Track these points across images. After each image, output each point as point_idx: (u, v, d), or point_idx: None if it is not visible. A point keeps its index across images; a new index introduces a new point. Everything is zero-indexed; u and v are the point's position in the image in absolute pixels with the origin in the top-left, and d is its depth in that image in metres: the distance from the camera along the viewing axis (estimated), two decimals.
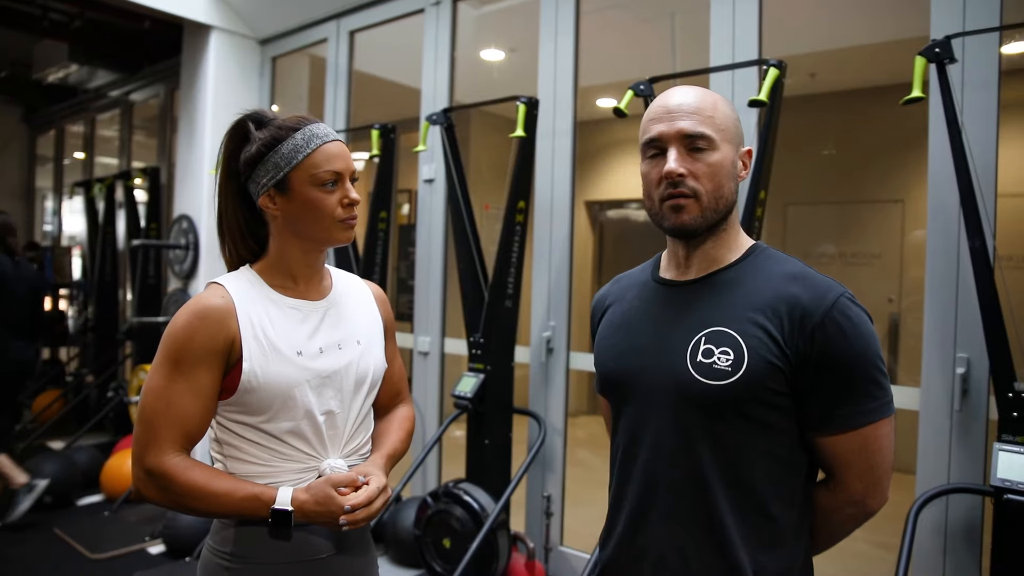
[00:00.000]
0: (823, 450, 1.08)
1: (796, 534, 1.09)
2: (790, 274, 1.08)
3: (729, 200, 1.10)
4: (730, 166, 1.09)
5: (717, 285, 1.11)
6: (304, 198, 1.22)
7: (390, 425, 1.45)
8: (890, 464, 1.09)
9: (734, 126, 1.11)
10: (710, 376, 1.05)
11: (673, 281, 1.17)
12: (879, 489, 1.09)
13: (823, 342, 1.01)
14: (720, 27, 2.68)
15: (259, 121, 1.27)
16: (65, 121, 7.35)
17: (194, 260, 4.64)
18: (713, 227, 1.11)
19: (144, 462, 1.17)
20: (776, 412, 1.05)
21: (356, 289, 1.41)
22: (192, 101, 4.72)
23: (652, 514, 1.10)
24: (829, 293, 1.03)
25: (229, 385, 1.20)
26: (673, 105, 1.09)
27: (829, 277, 1.08)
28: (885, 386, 1.05)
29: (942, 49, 1.97)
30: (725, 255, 1.13)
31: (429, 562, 2.92)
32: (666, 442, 1.09)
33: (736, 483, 1.05)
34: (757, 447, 1.05)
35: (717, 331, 1.06)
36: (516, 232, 2.99)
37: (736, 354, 1.03)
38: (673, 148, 1.07)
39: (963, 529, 2.17)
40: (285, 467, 1.23)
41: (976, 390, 2.15)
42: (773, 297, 1.05)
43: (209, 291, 1.23)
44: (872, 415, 1.04)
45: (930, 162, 2.25)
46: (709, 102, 1.09)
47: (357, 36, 4.22)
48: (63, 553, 3.48)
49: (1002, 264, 2.06)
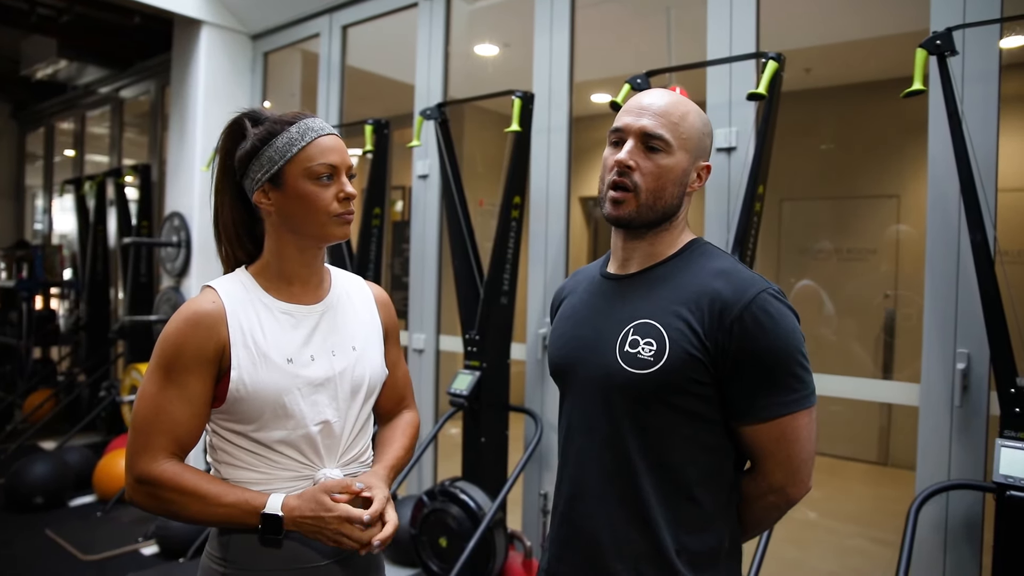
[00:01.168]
0: (744, 439, 1.13)
1: (722, 517, 1.15)
2: (717, 269, 1.13)
3: (670, 204, 1.15)
4: (680, 173, 1.15)
5: (651, 279, 1.17)
6: (298, 192, 1.20)
7: (393, 432, 1.42)
8: (811, 454, 1.13)
9: (698, 138, 1.16)
10: (634, 365, 1.10)
11: (615, 275, 1.23)
12: (799, 478, 1.14)
13: (741, 336, 1.06)
14: (717, 20, 2.66)
15: (255, 118, 1.25)
16: (55, 118, 7.29)
17: (186, 258, 4.60)
18: (651, 225, 1.16)
19: (135, 469, 1.15)
20: (699, 401, 1.10)
21: (357, 291, 1.38)
22: (183, 97, 4.67)
23: (586, 496, 1.17)
24: (750, 288, 1.08)
25: (220, 393, 1.18)
26: (645, 103, 1.16)
27: (757, 274, 1.13)
28: (805, 379, 1.09)
29: (943, 41, 1.95)
30: (663, 250, 1.19)
31: (425, 561, 2.90)
32: (597, 428, 1.16)
33: (660, 468, 1.11)
34: (681, 434, 1.11)
35: (644, 323, 1.13)
36: (512, 228, 2.97)
37: (659, 345, 1.09)
38: (631, 140, 1.14)
39: (963, 526, 2.16)
40: (279, 475, 1.20)
41: (976, 386, 2.14)
42: (697, 291, 1.11)
43: (201, 296, 1.21)
44: (790, 407, 1.08)
45: (930, 156, 2.23)
46: (680, 110, 1.15)
47: (350, 31, 4.18)
48: (55, 555, 3.45)
49: (1003, 258, 2.05)
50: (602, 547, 1.14)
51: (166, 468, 1.14)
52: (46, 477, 4.05)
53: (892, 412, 4.77)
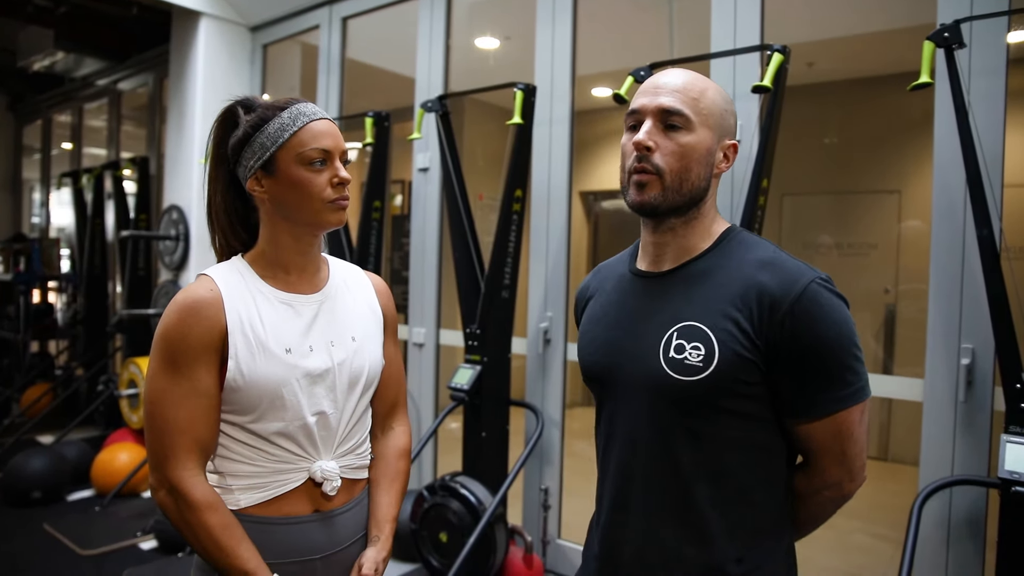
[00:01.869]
0: (798, 436, 1.08)
1: (779, 519, 1.10)
2: (760, 261, 1.06)
3: (696, 185, 1.08)
4: (704, 151, 1.07)
5: (689, 277, 1.10)
6: (291, 178, 1.17)
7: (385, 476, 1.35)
8: (864, 447, 1.09)
9: (720, 115, 1.09)
10: (682, 372, 1.04)
11: (648, 273, 1.16)
12: (855, 473, 1.10)
13: (792, 330, 1.00)
14: (721, 12, 2.64)
15: (248, 106, 1.23)
16: (52, 110, 7.25)
17: (184, 251, 4.58)
18: (679, 211, 1.09)
19: (167, 477, 1.12)
20: (751, 402, 1.05)
21: (355, 281, 1.35)
22: (181, 90, 4.64)
23: (631, 508, 1.11)
24: (799, 279, 1.02)
25: (219, 381, 1.16)
26: (661, 82, 1.09)
27: (802, 262, 1.06)
28: (859, 371, 1.04)
29: (951, 34, 1.93)
30: (697, 243, 1.12)
31: (426, 556, 2.89)
32: (642, 437, 1.09)
33: (715, 474, 1.06)
34: (734, 437, 1.05)
35: (688, 326, 1.06)
36: (513, 221, 2.95)
37: (707, 349, 1.03)
38: (648, 120, 1.08)
39: (967, 522, 2.15)
40: (274, 467, 1.19)
41: (981, 381, 2.13)
42: (742, 287, 1.04)
43: (197, 283, 1.18)
44: (845, 401, 1.03)
45: (935, 150, 2.22)
46: (698, 86, 1.09)
47: (350, 23, 4.15)
48: (53, 549, 3.43)
49: (1009, 254, 2.03)
50: (651, 564, 1.08)
51: (199, 492, 1.12)
52: (44, 471, 4.03)
53: (892, 407, 4.77)
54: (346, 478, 1.26)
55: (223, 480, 1.18)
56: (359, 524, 1.30)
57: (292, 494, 1.20)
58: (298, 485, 1.20)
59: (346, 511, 1.27)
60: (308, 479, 1.21)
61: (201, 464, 1.15)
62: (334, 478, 1.22)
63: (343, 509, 1.26)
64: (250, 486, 1.18)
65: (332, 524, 1.24)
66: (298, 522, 1.20)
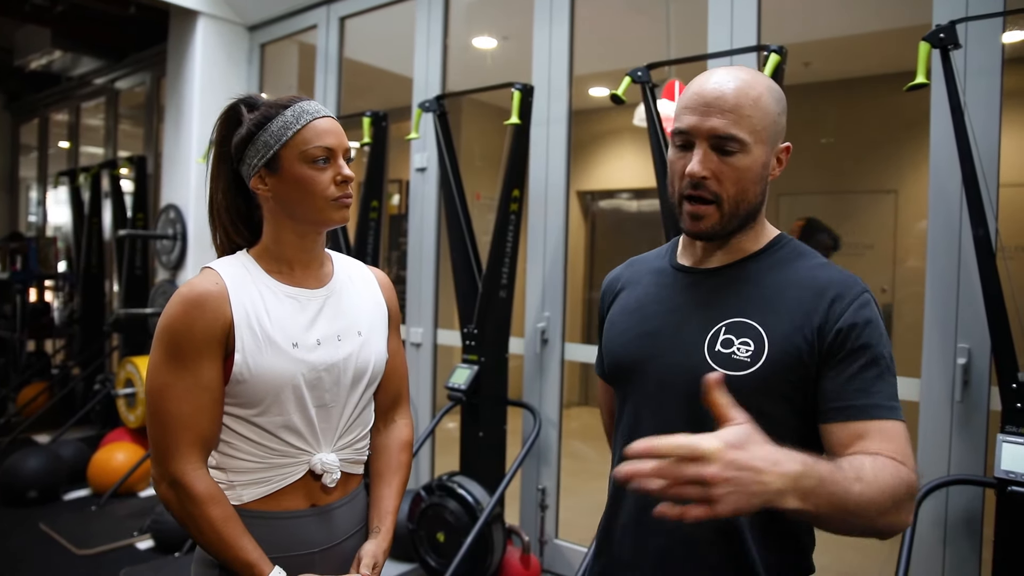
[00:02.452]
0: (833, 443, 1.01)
1: (806, 531, 1.08)
2: (816, 265, 1.06)
3: (753, 204, 1.06)
4: (760, 168, 1.04)
5: (740, 275, 1.08)
6: (295, 176, 1.17)
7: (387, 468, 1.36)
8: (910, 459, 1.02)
9: (773, 124, 1.04)
10: (728, 366, 1.01)
11: (692, 268, 1.13)
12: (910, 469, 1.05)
13: (848, 332, 0.99)
14: (718, 12, 2.64)
15: (251, 104, 1.24)
16: (49, 109, 7.23)
17: (182, 250, 4.57)
18: (736, 231, 1.08)
19: (169, 472, 1.13)
20: (785, 405, 1.02)
21: (360, 276, 1.36)
22: (179, 89, 4.64)
23: None
24: (855, 286, 1.02)
25: (224, 375, 1.16)
26: (711, 97, 1.02)
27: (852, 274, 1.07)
28: (895, 391, 1.01)
29: (947, 34, 1.94)
30: (748, 245, 1.11)
31: (423, 556, 2.89)
32: (676, 431, 1.03)
33: None
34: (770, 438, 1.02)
35: (739, 322, 1.04)
36: (511, 221, 2.95)
37: (756, 345, 1.01)
38: (700, 147, 1.02)
39: (963, 521, 2.16)
40: (276, 462, 1.19)
41: (977, 381, 2.14)
42: (800, 288, 1.03)
43: (202, 276, 1.18)
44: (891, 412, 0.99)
45: (932, 150, 2.22)
46: (750, 97, 1.01)
47: (348, 23, 4.15)
48: (49, 549, 3.43)
49: (1004, 253, 2.04)
50: (678, 564, 1.05)
51: (202, 485, 1.12)
52: (40, 471, 4.02)
53: None
54: (343, 472, 1.26)
55: (226, 476, 1.18)
56: (356, 518, 1.30)
57: (291, 488, 1.20)
58: (297, 479, 1.21)
59: (342, 505, 1.27)
60: (307, 473, 1.21)
61: (203, 458, 1.15)
62: (334, 470, 1.23)
63: (339, 503, 1.27)
64: (252, 481, 1.18)
65: (329, 518, 1.25)
66: (296, 516, 1.21)
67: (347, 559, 1.27)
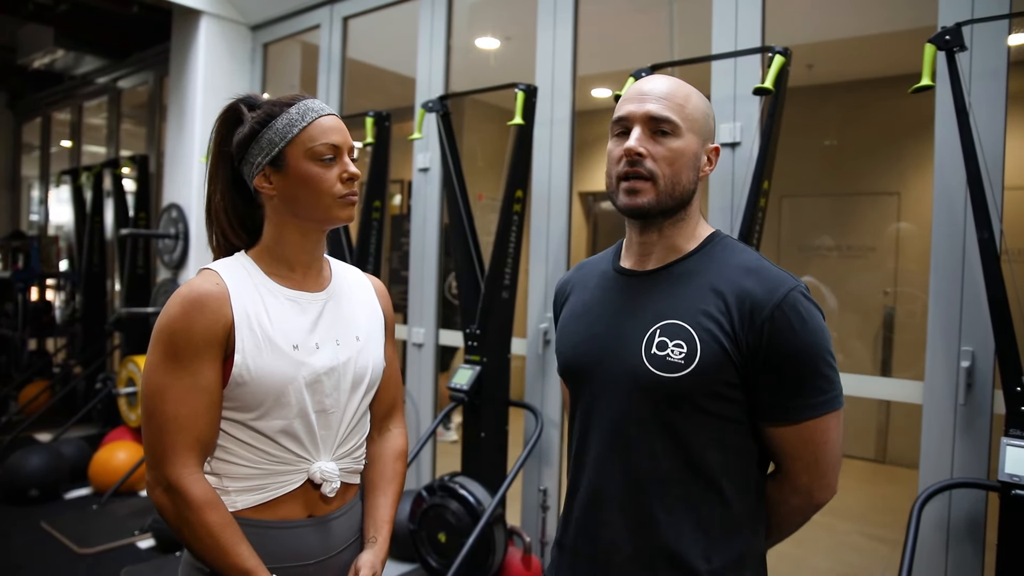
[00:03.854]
0: (770, 440, 1.10)
1: (751, 522, 1.12)
2: (745, 266, 1.09)
3: (686, 189, 1.11)
4: (692, 156, 1.10)
5: (673, 276, 1.12)
6: (301, 174, 1.17)
7: (382, 477, 1.35)
8: (837, 458, 1.11)
9: (703, 120, 1.13)
10: (664, 368, 1.06)
11: (632, 271, 1.18)
12: (825, 482, 1.11)
13: (771, 336, 1.02)
14: (722, 14, 2.64)
15: (252, 104, 1.23)
16: (51, 108, 7.24)
17: (184, 250, 4.57)
18: (668, 214, 1.12)
19: (164, 475, 1.10)
20: (728, 403, 1.07)
21: (357, 282, 1.35)
22: (181, 88, 4.64)
23: (606, 502, 1.12)
24: (780, 287, 1.04)
25: (223, 377, 1.14)
26: (646, 89, 1.11)
27: (784, 271, 1.09)
28: (834, 380, 1.06)
29: (952, 36, 1.93)
30: (683, 244, 1.14)
31: (424, 556, 2.89)
32: (620, 431, 1.11)
33: (689, 471, 1.07)
34: (710, 436, 1.07)
35: (671, 324, 1.08)
36: (513, 222, 2.95)
37: (689, 347, 1.05)
38: (637, 127, 1.10)
39: (966, 524, 2.15)
40: (274, 469, 1.17)
41: (981, 384, 2.13)
42: (726, 289, 1.07)
43: (202, 277, 1.16)
44: (818, 409, 1.05)
45: (936, 152, 2.22)
46: (682, 92, 1.11)
47: (351, 23, 4.15)
48: (50, 548, 3.43)
49: (1009, 256, 2.03)
50: (622, 556, 1.10)
51: (198, 489, 1.10)
52: (41, 469, 4.02)
53: (890, 409, 4.77)
54: (341, 481, 1.25)
55: (220, 482, 1.16)
56: (352, 529, 1.29)
57: (288, 498, 1.18)
58: (295, 488, 1.19)
59: (340, 516, 1.26)
60: (305, 482, 1.20)
61: (200, 462, 1.13)
62: (333, 479, 1.21)
63: (337, 514, 1.25)
64: (248, 488, 1.16)
65: (326, 529, 1.23)
66: (293, 526, 1.19)
67: (343, 571, 1.25)
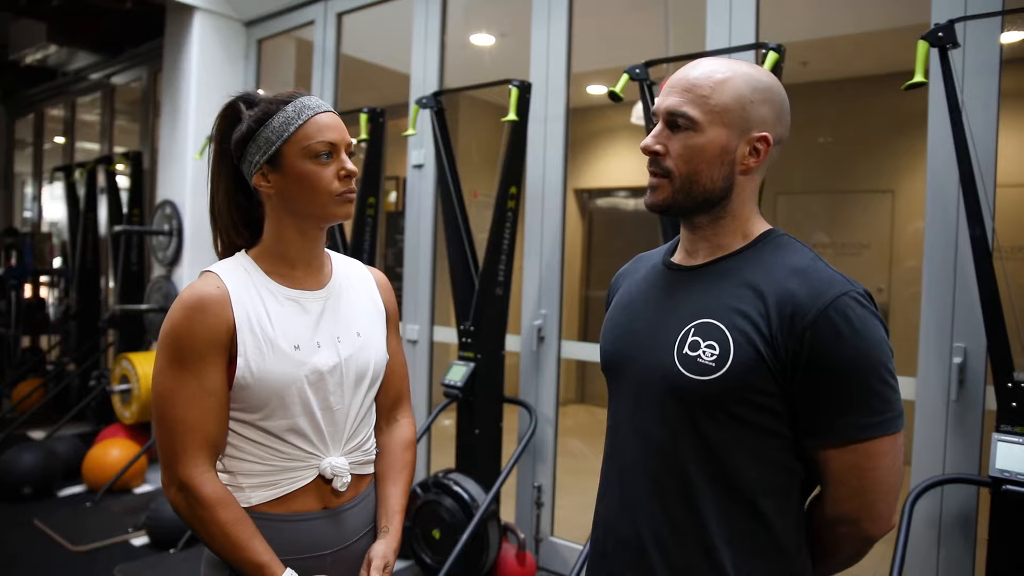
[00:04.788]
0: (814, 460, 1.01)
1: (792, 545, 1.02)
2: (792, 266, 1.00)
3: (712, 187, 1.02)
4: (716, 151, 1.01)
5: (716, 273, 1.05)
6: (298, 172, 1.17)
7: (392, 467, 1.36)
8: (891, 487, 0.98)
9: (738, 109, 1.01)
10: (694, 370, 0.99)
11: (679, 266, 1.12)
12: (876, 513, 0.99)
13: (814, 344, 0.93)
14: (717, 10, 2.64)
15: (250, 101, 1.23)
16: (44, 104, 7.21)
17: (178, 246, 4.56)
18: (698, 211, 1.05)
19: (178, 476, 1.13)
20: (765, 413, 0.98)
21: (358, 276, 1.35)
22: (175, 84, 4.62)
23: (635, 505, 1.07)
24: (829, 290, 0.95)
25: (228, 379, 1.16)
26: (678, 77, 1.05)
27: (839, 273, 0.99)
28: (890, 399, 0.95)
29: (945, 33, 1.94)
30: (729, 242, 1.07)
31: (418, 553, 2.89)
32: (650, 433, 1.05)
33: (720, 481, 1.00)
34: (746, 447, 0.99)
35: (706, 323, 1.01)
36: (507, 219, 2.94)
37: (722, 349, 0.98)
38: (660, 123, 1.05)
39: (958, 520, 2.16)
40: (284, 465, 1.19)
41: (973, 380, 2.14)
42: (768, 291, 0.98)
43: (203, 280, 1.17)
44: (868, 431, 0.94)
45: (929, 150, 2.22)
46: (714, 79, 1.01)
47: (345, 19, 4.14)
48: (44, 545, 3.42)
49: (1001, 253, 2.04)
50: (651, 564, 1.04)
51: (210, 488, 1.12)
52: (35, 467, 4.01)
53: None
54: (354, 474, 1.26)
55: (234, 479, 1.18)
56: (366, 519, 1.30)
57: (302, 491, 1.20)
58: (308, 482, 1.20)
59: (353, 506, 1.27)
60: (318, 476, 1.21)
61: (211, 461, 1.15)
62: (344, 474, 1.23)
63: (350, 505, 1.26)
64: (261, 484, 1.18)
65: (340, 520, 1.24)
66: (308, 519, 1.20)
67: (358, 560, 1.26)
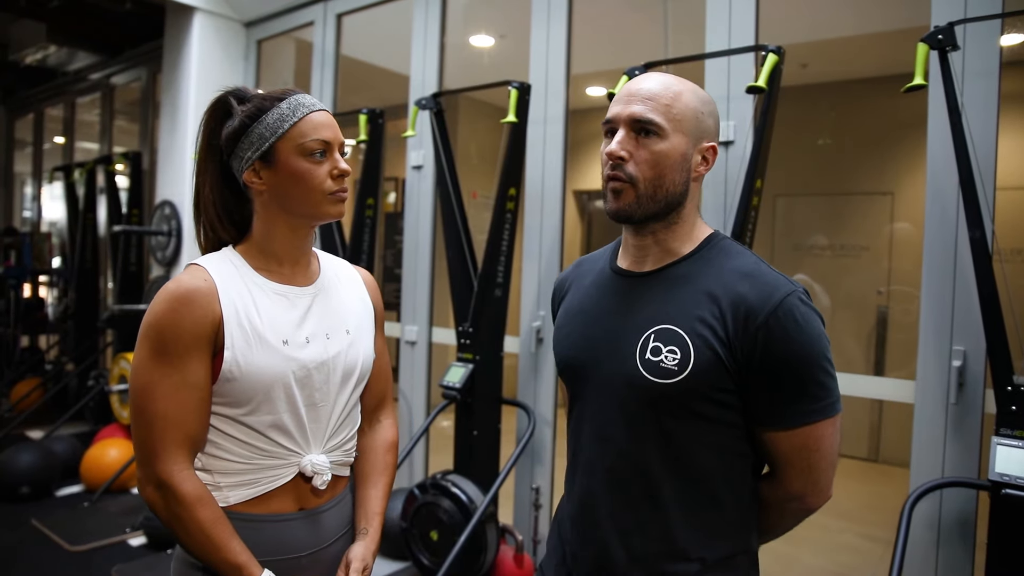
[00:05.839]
0: (765, 445, 1.10)
1: (744, 525, 1.12)
2: (741, 271, 1.07)
3: (673, 192, 1.08)
4: (678, 158, 1.07)
5: (669, 280, 1.11)
6: (291, 169, 1.16)
7: (373, 469, 1.35)
8: (832, 464, 1.10)
9: (694, 119, 1.09)
10: (658, 375, 1.06)
11: (628, 272, 1.16)
12: (819, 488, 1.11)
13: (766, 343, 1.01)
14: (716, 12, 2.64)
15: (241, 97, 1.22)
16: (44, 104, 7.21)
17: (177, 247, 4.56)
18: (657, 217, 1.10)
19: (155, 473, 1.10)
20: (722, 408, 1.06)
21: (346, 275, 1.35)
22: (175, 85, 4.62)
23: (599, 503, 1.12)
24: (776, 293, 1.03)
25: (212, 373, 1.14)
26: (634, 89, 1.10)
27: (781, 275, 1.07)
28: (830, 387, 1.05)
29: (945, 36, 1.94)
30: (678, 247, 1.13)
31: (416, 555, 2.88)
32: (614, 435, 1.11)
33: (683, 475, 1.08)
34: (704, 440, 1.07)
35: (665, 329, 1.07)
36: (506, 220, 2.94)
37: (683, 353, 1.04)
38: (621, 130, 1.09)
39: (957, 523, 2.15)
40: (264, 463, 1.17)
41: (972, 383, 2.13)
42: (721, 295, 1.05)
43: (189, 273, 1.16)
44: (813, 416, 1.04)
45: (929, 152, 2.22)
46: (672, 91, 1.08)
47: (344, 19, 4.14)
48: (41, 545, 3.41)
49: (1001, 256, 2.04)
50: (614, 559, 1.10)
51: (189, 486, 1.10)
52: (33, 467, 4.01)
53: (883, 409, 4.79)
54: (332, 474, 1.25)
55: (212, 477, 1.16)
56: (343, 521, 1.29)
57: (279, 491, 1.19)
58: (287, 481, 1.19)
59: (330, 508, 1.26)
60: (296, 475, 1.20)
61: (190, 459, 1.13)
62: (324, 472, 1.22)
63: (328, 506, 1.26)
64: (240, 483, 1.16)
65: (317, 521, 1.23)
66: (284, 520, 1.19)
67: (335, 562, 1.25)
